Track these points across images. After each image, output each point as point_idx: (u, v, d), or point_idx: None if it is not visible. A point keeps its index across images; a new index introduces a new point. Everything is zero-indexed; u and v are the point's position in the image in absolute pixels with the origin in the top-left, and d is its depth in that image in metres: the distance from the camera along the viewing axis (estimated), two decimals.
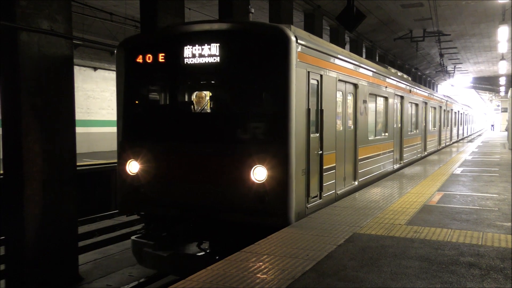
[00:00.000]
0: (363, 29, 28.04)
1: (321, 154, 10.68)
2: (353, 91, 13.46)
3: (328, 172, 11.17)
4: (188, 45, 9.83)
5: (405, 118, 20.74)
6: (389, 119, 17.89)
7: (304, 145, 9.72)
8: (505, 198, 11.78)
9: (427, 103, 26.10)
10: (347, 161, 12.92)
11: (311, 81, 10.15)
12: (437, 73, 54.67)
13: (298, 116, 9.31)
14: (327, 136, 11.01)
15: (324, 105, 10.83)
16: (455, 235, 8.16)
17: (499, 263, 6.69)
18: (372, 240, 7.85)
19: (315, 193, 10.44)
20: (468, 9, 27.12)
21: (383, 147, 16.91)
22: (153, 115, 10.84)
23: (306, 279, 6.00)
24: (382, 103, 17.28)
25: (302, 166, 9.59)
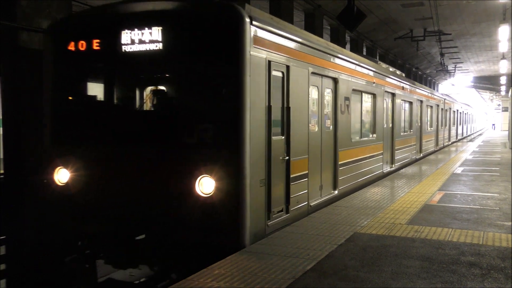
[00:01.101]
0: (364, 29, 28.02)
1: (287, 160, 9.12)
2: (332, 86, 11.88)
3: (297, 181, 9.67)
4: (126, 29, 8.25)
5: (397, 118, 19.22)
6: (377, 118, 16.24)
7: (263, 150, 8.21)
8: (506, 198, 11.78)
9: (422, 102, 24.82)
10: (325, 167, 11.39)
11: (274, 73, 8.61)
12: (437, 72, 54.65)
13: (254, 115, 7.85)
14: (296, 138, 9.49)
15: (292, 102, 9.28)
16: (456, 235, 8.16)
17: (500, 262, 6.69)
18: (372, 240, 7.85)
19: (280, 207, 8.91)
20: (468, 9, 27.11)
21: (370, 150, 15.27)
22: (86, 114, 9.16)
23: (306, 279, 6.00)
24: (369, 101, 15.69)
25: (260, 175, 8.08)
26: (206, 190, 7.71)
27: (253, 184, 7.81)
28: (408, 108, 21.91)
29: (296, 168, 9.61)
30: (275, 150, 8.65)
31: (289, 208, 9.21)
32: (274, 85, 8.63)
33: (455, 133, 42.10)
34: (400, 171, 17.97)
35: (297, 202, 9.65)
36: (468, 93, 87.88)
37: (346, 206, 10.64)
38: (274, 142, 8.56)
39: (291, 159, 9.26)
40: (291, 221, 9.21)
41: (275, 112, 8.72)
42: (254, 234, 7.84)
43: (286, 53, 9.15)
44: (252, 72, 7.80)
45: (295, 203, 9.53)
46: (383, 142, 16.87)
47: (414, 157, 22.78)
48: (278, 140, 8.86)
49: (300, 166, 9.89)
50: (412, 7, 26.26)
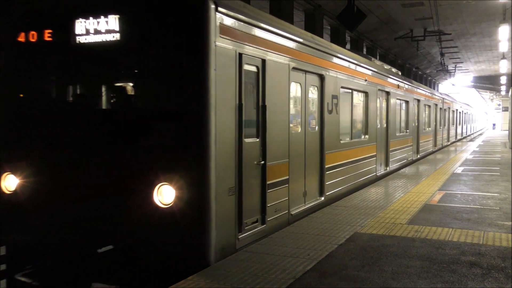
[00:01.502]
0: (364, 29, 28.02)
1: (263, 164, 8.28)
2: (318, 83, 10.99)
3: (276, 188, 8.78)
4: (80, 18, 7.34)
5: (392, 117, 18.34)
6: (370, 118, 15.33)
7: (233, 154, 7.38)
8: (506, 197, 11.78)
9: (420, 101, 24.02)
10: (309, 172, 10.54)
11: (246, 67, 7.77)
12: (437, 72, 54.64)
13: (221, 115, 7.03)
14: (274, 140, 8.65)
15: (269, 100, 8.45)
16: (456, 235, 8.16)
17: (500, 262, 6.69)
18: (373, 240, 7.85)
19: (255, 217, 8.07)
20: (468, 8, 27.10)
21: (361, 152, 14.39)
22: (35, 114, 8.07)
23: (307, 279, 6.00)
24: (361, 100, 14.87)
25: (228, 183, 7.25)
26: (166, 199, 6.88)
27: (220, 192, 7.01)
28: (404, 107, 21.18)
29: (274, 174, 8.77)
30: (248, 153, 7.83)
31: (265, 218, 8.37)
32: (246, 81, 7.83)
33: (455, 133, 41.60)
34: (395, 173, 17.38)
35: (275, 211, 8.77)
36: (468, 93, 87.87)
37: (346, 206, 10.64)
38: (246, 145, 7.73)
39: (268, 164, 8.43)
40: (268, 233, 8.35)
41: (248, 111, 7.94)
42: (221, 250, 7.00)
43: (261, 45, 8.27)
44: (219, 65, 6.97)
45: (272, 212, 8.67)
46: (376, 143, 15.99)
47: (410, 159, 22.02)
48: (252, 143, 8.04)
49: (279, 171, 9.02)
50: (412, 7, 26.25)
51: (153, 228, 6.95)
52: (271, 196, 8.63)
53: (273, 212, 8.68)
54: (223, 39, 7.13)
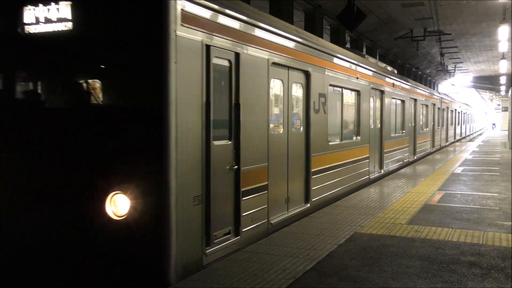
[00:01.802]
0: (364, 29, 28.00)
1: (237, 169, 7.57)
2: (303, 80, 10.23)
3: (252, 195, 8.05)
4: (29, 5, 6.64)
5: (387, 117, 17.52)
6: (362, 118, 14.51)
7: (199, 158, 6.60)
8: (506, 197, 11.78)
9: (417, 100, 23.25)
10: (293, 176, 9.82)
11: (216, 61, 7.03)
12: (437, 72, 54.61)
13: (183, 114, 6.27)
14: (250, 143, 7.92)
15: (244, 99, 7.71)
16: (456, 235, 8.16)
17: (500, 262, 6.69)
18: (373, 240, 7.85)
19: (226, 228, 7.35)
20: (468, 8, 27.09)
21: (353, 154, 13.55)
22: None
23: (307, 279, 6.00)
24: (352, 99, 14.10)
25: (193, 190, 6.49)
26: (119, 210, 6.18)
27: (183, 202, 6.26)
28: (400, 107, 20.37)
29: (251, 179, 8.01)
30: (218, 157, 7.07)
31: (240, 229, 7.63)
32: (216, 77, 7.10)
33: (453, 133, 41.27)
34: (391, 175, 16.81)
35: (252, 221, 8.03)
36: (468, 93, 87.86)
37: (346, 206, 10.64)
38: (216, 148, 7.00)
39: (243, 169, 7.69)
40: (243, 245, 7.63)
41: (219, 110, 7.21)
42: (183, 268, 6.26)
43: (234, 37, 7.50)
44: (180, 58, 6.22)
45: (248, 222, 7.93)
46: (369, 145, 15.20)
47: (407, 160, 21.29)
48: (223, 146, 7.29)
49: (257, 176, 8.25)
50: (412, 7, 26.23)
51: (105, 243, 6.27)
52: (247, 204, 7.89)
53: (249, 222, 7.96)
54: (186, 28, 6.32)
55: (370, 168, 15.34)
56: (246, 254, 7.04)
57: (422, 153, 25.25)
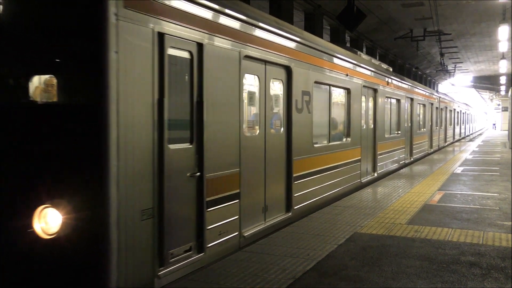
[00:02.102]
0: (364, 29, 27.99)
1: (199, 177, 6.64)
2: (283, 77, 9.38)
3: (220, 205, 7.16)
4: None
5: (381, 117, 16.68)
6: (353, 118, 13.64)
7: (150, 164, 5.70)
8: (505, 197, 11.77)
9: (413, 99, 22.45)
10: (272, 182, 8.96)
11: (172, 52, 6.13)
12: (437, 72, 54.57)
13: (129, 113, 5.35)
14: (216, 146, 7.03)
15: (209, 96, 6.83)
16: (455, 235, 8.16)
17: (500, 262, 6.68)
18: (373, 240, 7.85)
19: (187, 244, 6.44)
20: (468, 8, 27.07)
21: (342, 156, 12.66)
22: None
23: (307, 279, 6.00)
24: (342, 97, 13.24)
25: (143, 203, 5.58)
26: (50, 228, 5.29)
27: (127, 217, 5.34)
28: (395, 106, 19.52)
29: (218, 187, 7.12)
30: (175, 163, 6.18)
31: (204, 245, 6.71)
32: (173, 70, 6.22)
33: (452, 133, 40.66)
34: (384, 178, 15.83)
35: (219, 235, 7.14)
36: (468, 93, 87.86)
37: (346, 206, 10.64)
38: (172, 152, 6.08)
39: (208, 175, 6.78)
40: (209, 262, 6.78)
41: (176, 109, 6.34)
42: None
43: (197, 25, 6.57)
44: (124, 47, 5.30)
45: (215, 236, 7.03)
46: (361, 147, 14.34)
47: (403, 162, 20.47)
48: (181, 150, 6.39)
49: (226, 183, 7.33)
50: (412, 7, 26.21)
51: (31, 267, 5.39)
52: (213, 216, 6.98)
53: (215, 235, 7.07)
54: (131, 12, 5.42)
55: (362, 171, 14.58)
56: (246, 254, 7.03)
57: (420, 154, 24.50)
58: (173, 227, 6.16)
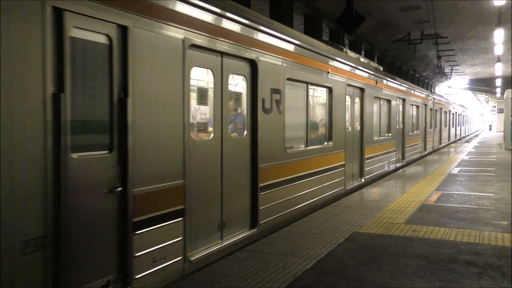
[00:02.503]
0: (362, 32, 28.00)
1: (122, 192, 5.35)
2: (246, 71, 8.05)
3: (156, 226, 5.86)
4: None
5: (368, 119, 15.36)
6: (336, 120, 12.32)
7: (41, 179, 4.40)
8: (501, 197, 11.76)
9: (405, 100, 21.11)
10: (231, 194, 7.62)
11: (78, 34, 4.83)
12: (434, 74, 54.58)
13: (6, 111, 4.13)
14: (150, 153, 5.77)
15: (140, 92, 5.56)
16: (453, 234, 8.15)
17: (496, 261, 6.67)
18: (371, 239, 7.84)
19: (102, 279, 5.12)
20: (464, 12, 27.08)
21: (322, 162, 11.31)
22: None
23: (307, 278, 5.99)
24: (322, 97, 11.92)
25: (25, 231, 4.28)
26: None
27: (4, 251, 4.10)
28: (386, 107, 18.20)
29: (152, 204, 5.79)
30: (83, 177, 4.87)
31: (131, 277, 5.42)
32: (82, 58, 4.93)
33: (447, 135, 39.87)
34: (371, 185, 14.51)
35: (153, 262, 5.79)
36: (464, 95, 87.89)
37: (345, 206, 10.62)
38: (78, 163, 4.80)
39: (135, 190, 5.49)
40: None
41: (86, 107, 5.09)
42: None
43: (116, 3, 5.22)
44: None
45: (147, 264, 5.70)
46: (345, 151, 12.99)
47: (394, 166, 19.12)
48: (94, 160, 5.04)
49: (164, 199, 5.99)
50: (410, 10, 26.23)
51: None
52: (144, 239, 5.65)
53: (148, 264, 5.73)
54: None
55: (346, 177, 13.26)
56: (247, 253, 7.02)
57: (413, 157, 23.37)
58: (79, 259, 4.84)
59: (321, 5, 22.69)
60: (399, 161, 20.60)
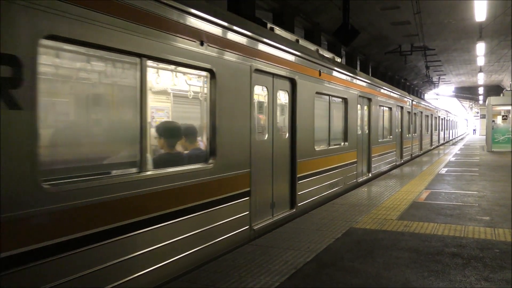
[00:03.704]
0: (357, 44, 28.02)
1: None
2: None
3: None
4: None
5: (306, 122, 10.08)
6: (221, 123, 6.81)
7: None
8: (484, 195, 11.71)
9: (371, 100, 16.08)
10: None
11: None
12: (423, 83, 54.55)
13: None
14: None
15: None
16: (440, 229, 8.11)
17: (479, 252, 6.64)
18: (366, 234, 7.80)
19: None
20: (449, 27, 27.13)
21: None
22: None
23: (307, 269, 5.97)
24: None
25: None
26: None
27: None
28: (338, 108, 12.94)
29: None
30: None
31: None
32: None
33: (429, 140, 34.95)
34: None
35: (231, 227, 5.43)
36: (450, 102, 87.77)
37: (343, 204, 10.58)
38: None
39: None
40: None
41: None
42: None
43: None
44: None
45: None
46: (249, 171, 7.71)
47: (353, 181, 13.96)
48: None
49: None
50: (400, 25, 26.28)
51: None
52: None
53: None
54: None
55: (252, 214, 7.88)
56: (252, 247, 7.00)
57: (384, 167, 18.40)
58: None
59: (319, 19, 22.73)
60: (361, 176, 15.20)
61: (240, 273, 5.84)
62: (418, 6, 21.59)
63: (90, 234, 4.56)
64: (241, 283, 5.46)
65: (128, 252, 5.09)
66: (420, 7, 21.86)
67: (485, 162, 22.03)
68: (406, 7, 22.27)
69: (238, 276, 5.74)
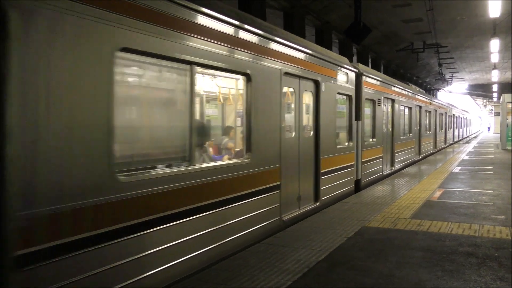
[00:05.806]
0: (369, 42, 27.88)
1: None
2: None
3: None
4: None
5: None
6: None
7: None
8: (499, 194, 11.64)
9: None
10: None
11: None
12: (436, 81, 54.24)
13: None
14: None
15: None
16: (454, 228, 8.07)
17: (494, 252, 6.60)
18: (379, 233, 7.78)
19: None
20: (462, 24, 26.92)
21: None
22: None
23: (319, 268, 5.97)
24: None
25: None
26: None
27: None
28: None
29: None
30: None
31: None
32: None
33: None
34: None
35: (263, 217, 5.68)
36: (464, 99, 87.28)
37: (354, 202, 10.56)
38: None
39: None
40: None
41: None
42: None
43: None
44: None
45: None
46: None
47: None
48: None
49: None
50: (412, 22, 26.12)
51: None
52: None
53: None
54: None
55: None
56: (264, 246, 7.00)
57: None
58: None
59: (330, 18, 22.67)
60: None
61: (252, 271, 5.85)
62: (430, 3, 21.47)
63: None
64: (252, 282, 5.47)
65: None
66: (433, 4, 21.73)
67: (499, 160, 21.88)
68: (417, 4, 22.13)
69: (250, 275, 5.75)
